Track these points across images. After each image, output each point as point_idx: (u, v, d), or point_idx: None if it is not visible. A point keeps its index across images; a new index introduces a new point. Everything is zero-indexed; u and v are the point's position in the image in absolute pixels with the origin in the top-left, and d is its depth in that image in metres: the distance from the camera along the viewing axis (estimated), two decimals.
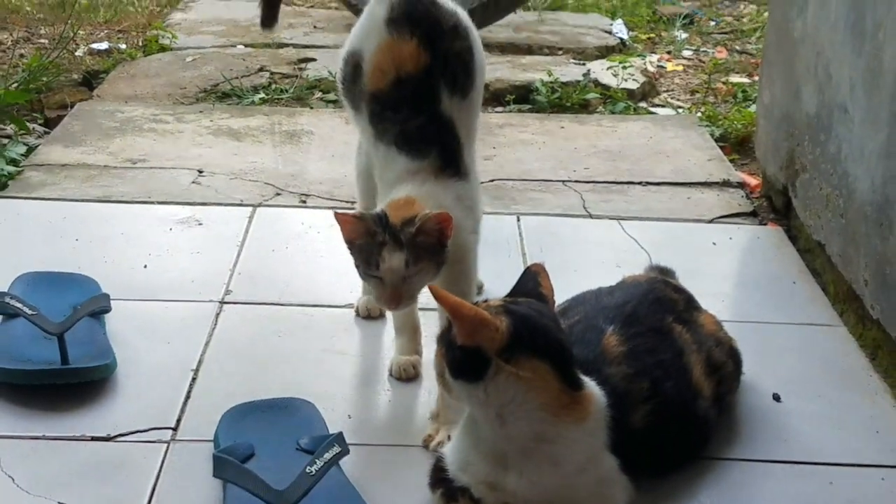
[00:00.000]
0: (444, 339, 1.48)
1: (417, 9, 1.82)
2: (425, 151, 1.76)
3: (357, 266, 1.74)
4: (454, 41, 1.83)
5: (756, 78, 3.25)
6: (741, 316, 2.04)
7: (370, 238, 1.67)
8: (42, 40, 3.93)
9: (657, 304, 1.73)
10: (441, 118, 1.79)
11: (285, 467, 1.50)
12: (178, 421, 1.73)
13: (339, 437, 1.54)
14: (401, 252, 1.65)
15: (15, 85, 3.20)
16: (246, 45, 3.85)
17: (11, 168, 2.67)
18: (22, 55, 3.70)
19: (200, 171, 2.71)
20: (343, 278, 2.16)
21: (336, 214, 1.71)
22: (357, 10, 3.91)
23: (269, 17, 2.03)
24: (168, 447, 1.66)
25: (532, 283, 1.57)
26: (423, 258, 1.67)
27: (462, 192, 1.79)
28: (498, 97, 3.37)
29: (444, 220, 1.66)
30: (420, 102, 1.78)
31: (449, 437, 1.62)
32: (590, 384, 1.51)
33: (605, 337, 1.62)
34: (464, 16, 1.88)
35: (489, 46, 3.77)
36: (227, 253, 2.29)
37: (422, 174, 1.76)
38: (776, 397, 1.83)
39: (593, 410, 1.49)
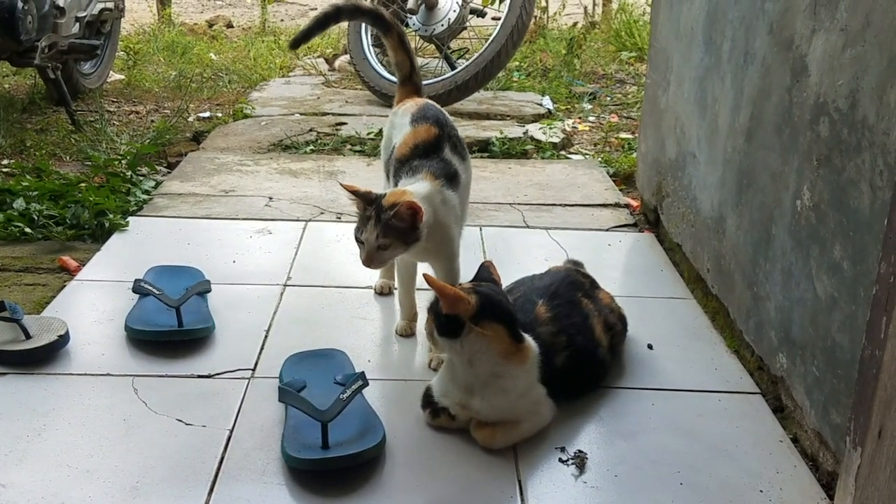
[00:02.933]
0: (433, 310, 1.47)
1: (430, 112, 1.85)
2: (423, 169, 1.72)
3: (356, 228, 1.64)
4: (452, 130, 1.85)
5: (637, 134, 3.24)
6: (627, 292, 2.03)
7: (364, 211, 1.61)
8: (166, 111, 3.89)
9: (571, 285, 1.72)
10: (444, 158, 1.77)
11: (326, 395, 1.48)
12: (256, 364, 1.71)
13: (362, 375, 1.53)
14: (375, 228, 1.57)
15: (148, 141, 3.17)
16: (301, 114, 3.81)
17: (145, 196, 2.64)
18: (153, 121, 3.66)
19: (270, 198, 2.68)
20: (365, 268, 2.14)
21: (342, 184, 1.64)
22: (375, 91, 3.93)
23: (297, 43, 1.97)
24: (249, 382, 1.65)
25: (486, 273, 1.57)
26: (391, 235, 1.58)
27: (449, 197, 1.72)
28: (467, 148, 3.35)
29: (411, 207, 1.57)
30: (429, 153, 1.77)
31: (440, 361, 1.60)
32: (528, 339, 1.51)
33: (537, 307, 1.61)
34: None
35: (461, 114, 3.78)
36: (288, 252, 2.26)
37: (422, 178, 1.71)
38: (650, 346, 1.82)
39: (530, 356, 1.49)
